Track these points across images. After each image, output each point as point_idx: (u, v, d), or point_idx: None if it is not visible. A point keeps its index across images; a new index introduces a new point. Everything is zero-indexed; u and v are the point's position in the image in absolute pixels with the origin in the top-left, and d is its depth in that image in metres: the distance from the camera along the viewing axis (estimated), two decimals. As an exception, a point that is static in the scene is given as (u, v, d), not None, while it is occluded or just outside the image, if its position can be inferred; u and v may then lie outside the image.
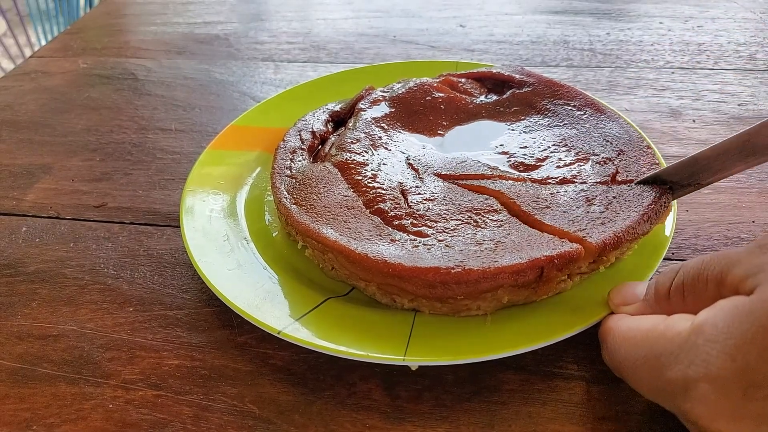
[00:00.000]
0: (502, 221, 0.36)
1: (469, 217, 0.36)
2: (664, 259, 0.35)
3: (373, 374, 0.33)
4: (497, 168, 0.40)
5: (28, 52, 1.67)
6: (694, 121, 0.53)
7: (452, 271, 0.31)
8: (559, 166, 0.39)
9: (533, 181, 0.38)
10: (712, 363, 0.23)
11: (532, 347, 0.30)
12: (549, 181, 0.38)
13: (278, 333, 0.32)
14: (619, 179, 0.37)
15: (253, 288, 0.35)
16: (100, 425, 0.31)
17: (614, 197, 0.36)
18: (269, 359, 0.34)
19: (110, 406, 0.32)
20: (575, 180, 0.38)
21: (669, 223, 0.37)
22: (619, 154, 0.39)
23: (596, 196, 0.36)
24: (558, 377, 0.32)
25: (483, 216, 0.36)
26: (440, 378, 0.33)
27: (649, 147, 0.39)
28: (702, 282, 0.26)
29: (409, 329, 0.32)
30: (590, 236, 0.33)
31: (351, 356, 0.31)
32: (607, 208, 0.35)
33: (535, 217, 0.35)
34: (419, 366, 0.32)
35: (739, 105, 0.54)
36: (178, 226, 0.43)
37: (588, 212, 0.35)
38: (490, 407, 0.31)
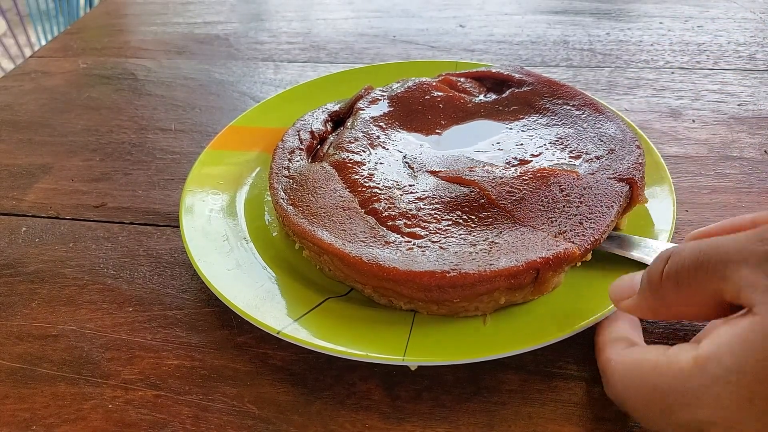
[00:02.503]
0: (490, 217, 0.35)
1: (459, 215, 0.36)
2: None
3: (372, 374, 0.33)
4: (491, 165, 0.40)
5: (28, 52, 1.67)
6: (693, 121, 0.53)
7: (447, 275, 0.31)
8: (549, 160, 0.40)
9: (512, 166, 0.38)
10: (727, 407, 0.21)
11: (532, 347, 0.30)
12: (527, 169, 0.38)
13: (278, 333, 0.32)
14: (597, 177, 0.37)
15: (252, 288, 0.35)
16: (100, 425, 0.31)
17: (584, 188, 0.36)
18: (269, 359, 0.34)
19: (110, 406, 0.32)
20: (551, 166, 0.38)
21: (668, 223, 0.37)
22: (609, 152, 0.39)
23: (568, 184, 0.36)
24: (558, 377, 0.32)
25: (472, 214, 0.36)
26: (440, 378, 0.33)
27: (639, 146, 0.39)
28: (702, 274, 0.24)
29: (409, 329, 0.32)
30: (573, 239, 0.33)
31: (350, 356, 0.31)
32: (582, 203, 0.35)
33: (513, 213, 0.35)
34: (419, 366, 0.32)
35: (738, 105, 0.54)
36: (178, 226, 0.43)
37: (564, 208, 0.35)
38: (489, 407, 0.31)
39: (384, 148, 0.43)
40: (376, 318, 0.34)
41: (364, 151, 0.42)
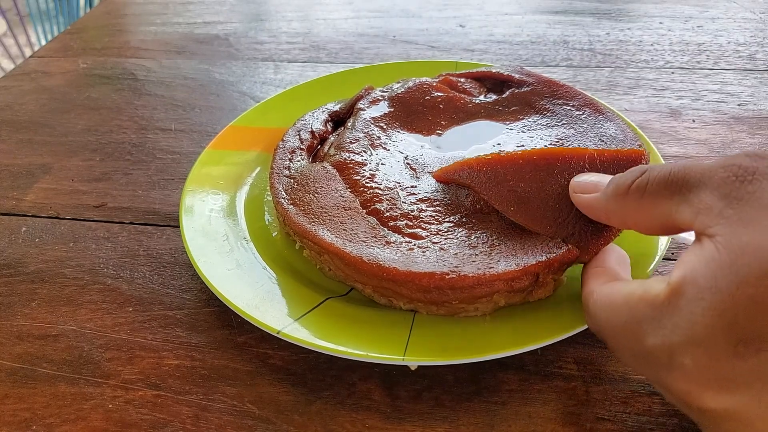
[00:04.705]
0: (491, 220, 0.35)
1: (460, 217, 0.36)
2: (664, 258, 0.35)
3: (372, 374, 0.33)
4: None
5: (28, 52, 1.67)
6: (693, 121, 0.53)
7: (447, 276, 0.31)
8: None
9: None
10: (698, 323, 0.21)
11: (532, 347, 0.30)
12: (529, 158, 0.36)
13: (278, 333, 0.32)
14: None
15: (252, 288, 0.35)
16: (100, 425, 0.32)
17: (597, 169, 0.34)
18: (269, 359, 0.34)
19: (110, 406, 0.32)
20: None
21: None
22: None
23: (578, 168, 0.34)
24: (558, 377, 0.32)
25: (474, 216, 0.36)
26: (440, 378, 0.33)
27: (640, 146, 0.39)
28: (666, 192, 0.25)
29: (409, 329, 0.32)
30: (582, 240, 0.32)
31: (350, 356, 0.31)
32: None
33: (514, 219, 0.34)
34: (419, 366, 0.32)
35: (738, 105, 0.54)
36: (178, 226, 0.43)
37: (570, 209, 0.33)
38: (489, 407, 0.31)
39: (385, 148, 0.43)
40: (376, 318, 0.34)
41: (365, 151, 0.42)
